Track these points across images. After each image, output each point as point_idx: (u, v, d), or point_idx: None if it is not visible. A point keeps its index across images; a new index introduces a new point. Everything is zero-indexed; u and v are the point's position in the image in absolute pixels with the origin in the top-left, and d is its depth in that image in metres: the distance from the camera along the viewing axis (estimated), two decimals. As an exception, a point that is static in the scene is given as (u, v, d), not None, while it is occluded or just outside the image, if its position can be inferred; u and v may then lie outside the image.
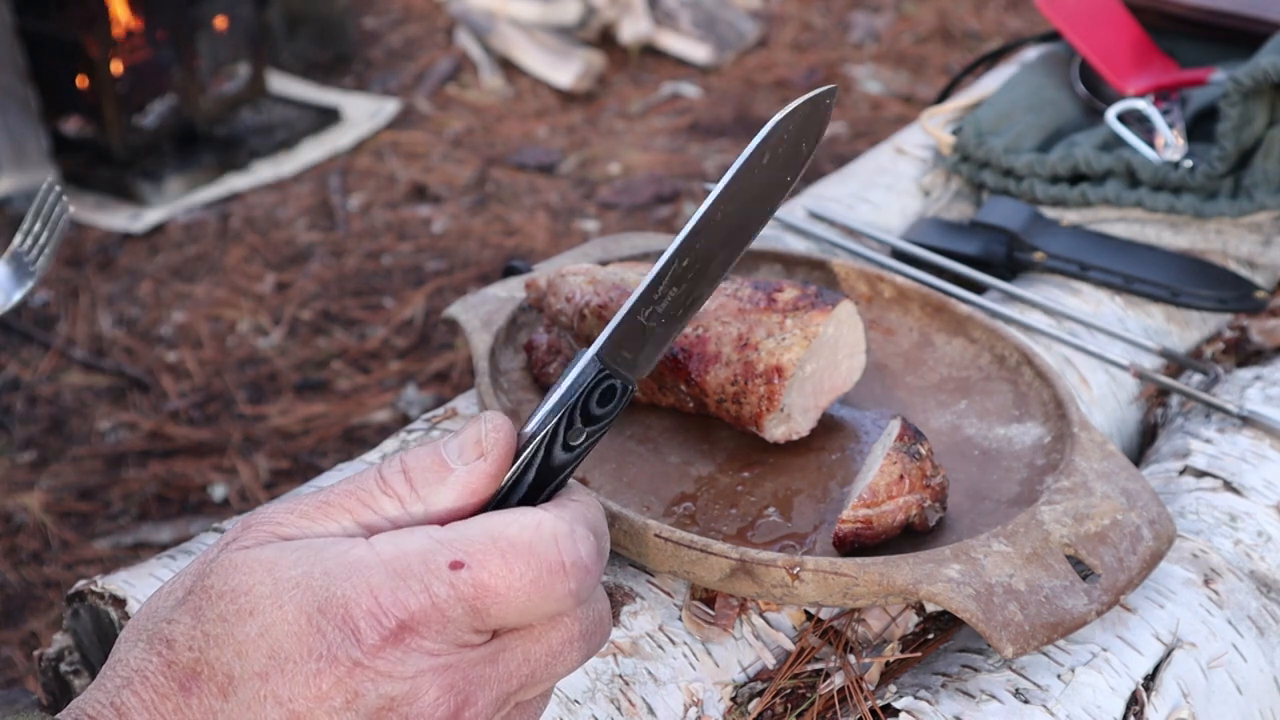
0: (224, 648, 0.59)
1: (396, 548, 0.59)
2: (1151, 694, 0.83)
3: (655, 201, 3.26)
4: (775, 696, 0.83)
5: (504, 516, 0.60)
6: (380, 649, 0.58)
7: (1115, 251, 1.24)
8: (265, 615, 0.59)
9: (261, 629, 0.58)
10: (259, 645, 0.58)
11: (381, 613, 0.58)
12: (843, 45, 4.05)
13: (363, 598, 0.58)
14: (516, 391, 1.01)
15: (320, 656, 0.58)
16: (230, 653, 0.59)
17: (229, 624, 0.59)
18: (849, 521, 0.85)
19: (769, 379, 0.91)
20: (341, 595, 0.58)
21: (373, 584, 0.58)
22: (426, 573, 0.58)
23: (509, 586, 0.59)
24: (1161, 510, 0.89)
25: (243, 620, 0.59)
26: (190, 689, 0.59)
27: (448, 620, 0.58)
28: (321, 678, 0.58)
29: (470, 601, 0.58)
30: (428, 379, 2.64)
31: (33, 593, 2.15)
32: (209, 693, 0.59)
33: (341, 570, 0.59)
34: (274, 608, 0.59)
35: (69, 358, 2.72)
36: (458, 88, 3.83)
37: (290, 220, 3.22)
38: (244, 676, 0.58)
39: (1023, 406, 1.01)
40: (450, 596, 0.58)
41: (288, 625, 0.58)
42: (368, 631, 0.58)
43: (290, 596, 0.59)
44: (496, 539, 0.59)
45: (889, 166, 1.43)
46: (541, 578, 0.59)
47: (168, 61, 3.32)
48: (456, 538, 0.59)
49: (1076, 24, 1.46)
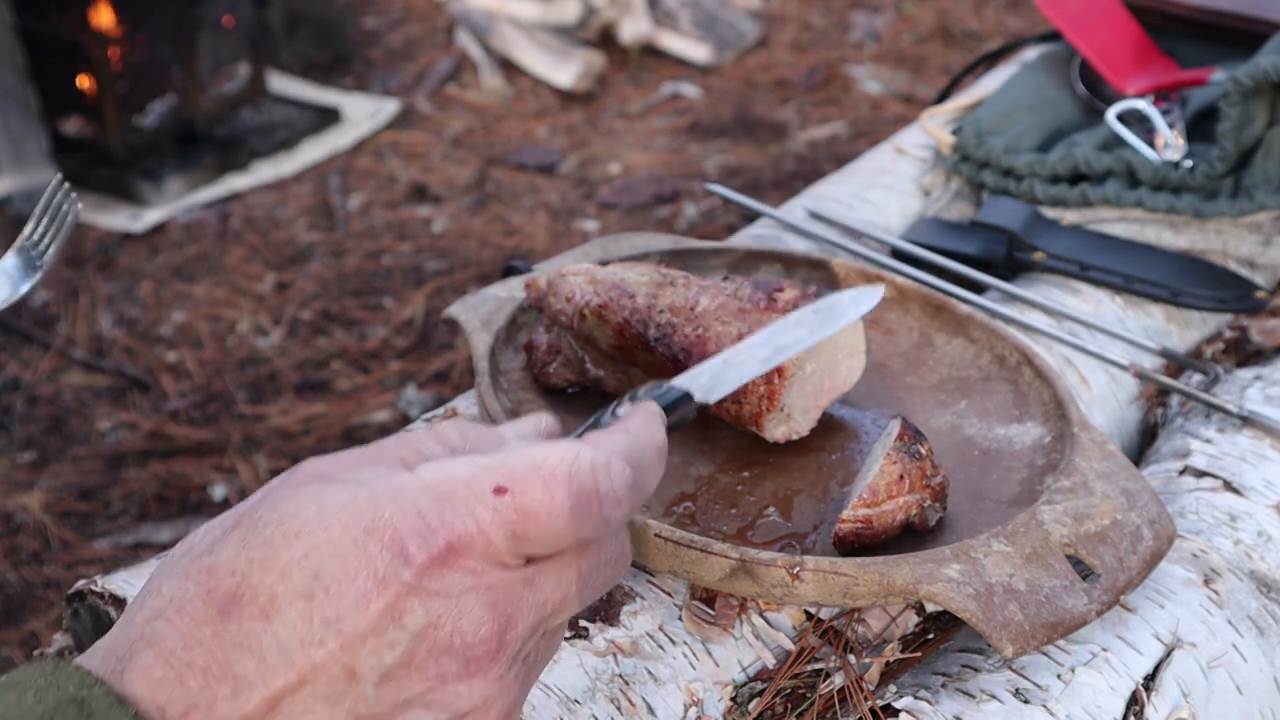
0: (268, 570, 0.59)
1: (441, 474, 0.61)
2: (1151, 694, 0.83)
3: (655, 201, 3.26)
4: (775, 696, 0.83)
5: (545, 447, 0.63)
6: (428, 569, 0.59)
7: (1115, 251, 1.24)
8: (311, 537, 0.59)
9: (307, 550, 0.59)
10: (304, 566, 0.59)
11: (429, 533, 0.59)
12: (843, 45, 4.05)
13: (410, 519, 0.59)
14: (516, 391, 1.01)
15: (368, 576, 0.58)
16: (274, 575, 0.59)
17: (274, 547, 0.60)
18: (849, 521, 0.85)
19: (769, 379, 0.91)
20: (389, 517, 0.59)
21: (420, 506, 0.59)
22: (471, 496, 0.60)
23: (549, 512, 0.61)
24: (1161, 510, 0.89)
25: (288, 543, 0.59)
26: (230, 613, 0.59)
27: (491, 543, 0.60)
28: (369, 597, 0.58)
29: (512, 525, 0.60)
30: (428, 379, 2.64)
31: (33, 593, 2.15)
32: (250, 615, 0.59)
33: (387, 495, 0.60)
34: (320, 529, 0.59)
35: (69, 358, 2.72)
36: (458, 88, 3.83)
37: (290, 220, 3.22)
38: (288, 598, 0.59)
39: (1023, 406, 1.01)
40: (493, 520, 0.60)
41: (334, 546, 0.59)
42: (416, 552, 0.59)
43: (337, 519, 0.59)
44: (538, 467, 0.61)
45: (889, 166, 1.43)
46: (578, 505, 0.61)
47: (168, 61, 3.32)
48: (499, 464, 0.61)
49: (1076, 24, 1.46)
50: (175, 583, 0.60)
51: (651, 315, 0.95)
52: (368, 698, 0.59)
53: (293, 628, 0.58)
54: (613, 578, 0.66)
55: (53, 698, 0.56)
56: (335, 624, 0.58)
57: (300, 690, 0.58)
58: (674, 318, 0.95)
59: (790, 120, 3.65)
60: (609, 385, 1.00)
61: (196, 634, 0.59)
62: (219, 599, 0.59)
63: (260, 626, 0.58)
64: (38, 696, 0.56)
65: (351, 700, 0.59)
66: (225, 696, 0.58)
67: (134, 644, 0.59)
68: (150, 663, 0.58)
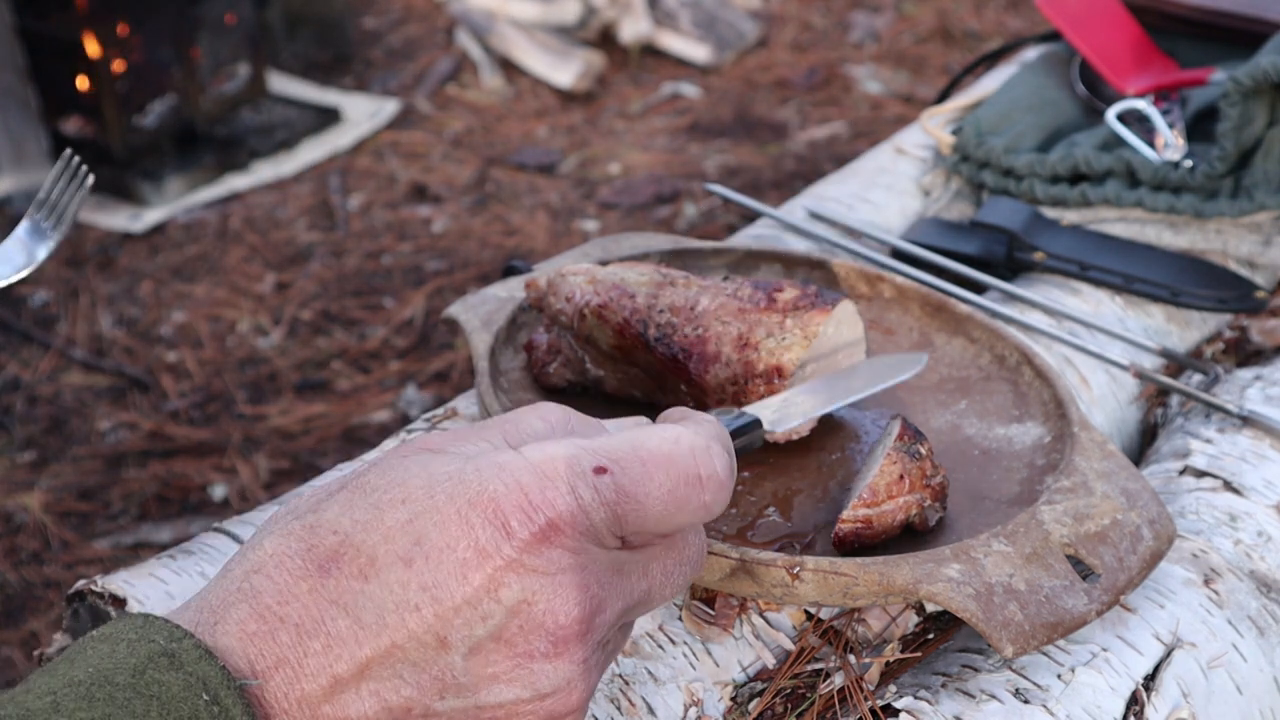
0: (371, 532, 0.60)
1: (544, 453, 0.62)
2: (1151, 694, 0.83)
3: (655, 201, 3.26)
4: (775, 696, 0.83)
5: (645, 430, 0.64)
6: (528, 545, 0.59)
7: (1115, 251, 1.24)
8: (416, 504, 0.60)
9: (411, 515, 0.60)
10: (407, 531, 0.60)
11: (532, 509, 0.60)
12: (843, 45, 4.05)
13: (513, 494, 0.60)
14: (516, 391, 1.01)
15: (468, 547, 0.59)
16: (377, 536, 0.60)
17: (380, 510, 0.60)
18: (849, 521, 0.85)
19: (769, 379, 0.91)
20: (493, 491, 0.60)
21: (523, 483, 0.60)
22: (573, 475, 0.61)
23: (648, 494, 0.62)
24: (1161, 510, 0.89)
25: (394, 507, 0.60)
26: (329, 570, 0.59)
27: (590, 523, 0.61)
28: (468, 568, 0.59)
29: (612, 506, 0.61)
30: (428, 379, 2.64)
31: (33, 593, 2.15)
32: (348, 574, 0.59)
33: (492, 469, 0.61)
34: (425, 497, 0.60)
35: (69, 358, 2.72)
36: (458, 88, 3.83)
37: (290, 220, 3.22)
38: (388, 561, 0.59)
39: (1023, 406, 1.01)
40: (594, 500, 0.61)
41: (438, 514, 0.60)
42: (518, 527, 0.59)
43: (442, 488, 0.60)
44: (638, 448, 0.62)
45: (889, 166, 1.43)
46: (678, 488, 0.62)
47: (168, 61, 3.32)
48: (601, 445, 0.62)
49: (1076, 24, 1.46)
50: (276, 540, 0.61)
51: (651, 315, 0.95)
52: (454, 668, 0.59)
53: (390, 590, 0.59)
54: (689, 576, 0.67)
55: (144, 650, 0.57)
56: (432, 590, 0.59)
57: (391, 656, 0.59)
58: (674, 318, 0.95)
59: (790, 120, 3.65)
60: (609, 385, 1.00)
61: (293, 589, 0.59)
62: (319, 556, 0.60)
63: (358, 586, 0.59)
64: (129, 649, 0.57)
65: (438, 669, 0.59)
66: (316, 652, 0.58)
67: (229, 597, 0.60)
68: (245, 616, 0.59)
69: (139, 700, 0.55)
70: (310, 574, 0.59)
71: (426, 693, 0.59)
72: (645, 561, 0.64)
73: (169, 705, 0.55)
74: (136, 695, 0.55)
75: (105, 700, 0.55)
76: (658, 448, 0.63)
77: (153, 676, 0.56)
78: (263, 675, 0.58)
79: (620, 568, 0.63)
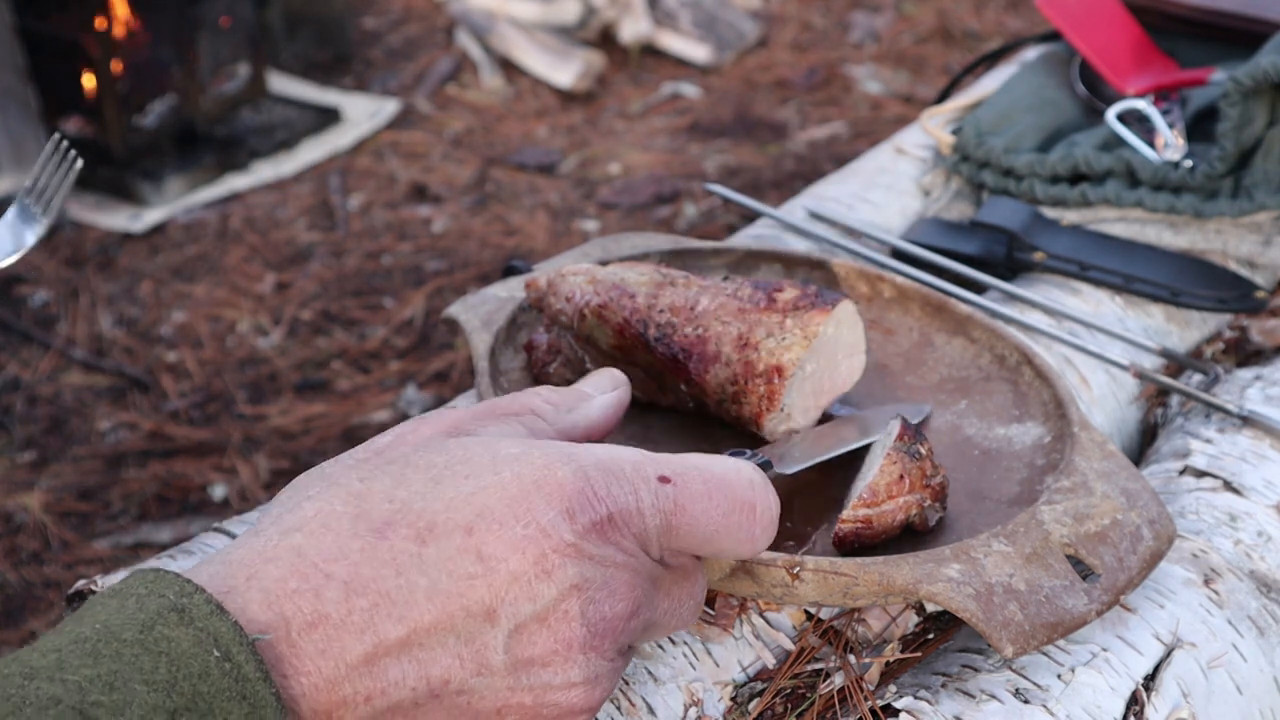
0: (431, 501, 0.60)
1: (611, 453, 0.63)
2: (1151, 694, 0.83)
3: (655, 201, 3.26)
4: (775, 696, 0.83)
5: (710, 456, 0.66)
6: (588, 532, 0.60)
7: (1115, 251, 1.24)
8: (481, 478, 0.60)
9: (475, 489, 0.60)
10: (470, 502, 0.60)
11: (595, 499, 0.61)
12: (843, 45, 4.05)
13: (579, 483, 0.61)
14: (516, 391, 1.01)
15: (530, 524, 0.59)
16: (438, 505, 0.60)
17: (439, 484, 0.60)
18: (849, 521, 0.85)
19: (769, 379, 0.91)
20: (559, 476, 0.61)
21: (589, 474, 0.61)
22: (637, 477, 0.62)
23: (704, 511, 0.64)
24: (1161, 510, 0.89)
25: (456, 481, 0.60)
26: (384, 533, 0.59)
27: (645, 526, 0.62)
28: (529, 543, 0.59)
29: (668, 515, 0.63)
30: (428, 379, 2.64)
31: (33, 593, 2.15)
32: (405, 536, 0.59)
33: (559, 456, 0.62)
34: (490, 473, 0.61)
35: (69, 358, 2.72)
36: (458, 88, 3.83)
37: (290, 220, 3.22)
38: (448, 528, 0.59)
39: (1023, 406, 1.01)
40: (653, 505, 0.62)
41: (503, 490, 0.60)
42: (580, 513, 0.60)
43: (509, 466, 0.61)
44: (701, 469, 0.65)
45: (889, 166, 1.43)
46: (733, 513, 0.65)
47: (168, 61, 3.32)
48: (665, 459, 0.64)
49: (1076, 24, 1.46)
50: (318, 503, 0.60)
51: (651, 315, 0.95)
52: (496, 645, 0.59)
53: (447, 556, 0.59)
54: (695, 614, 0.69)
55: (153, 605, 0.55)
56: (489, 560, 0.59)
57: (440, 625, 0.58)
58: (674, 318, 0.95)
59: (790, 120, 3.65)
60: (609, 385, 1.00)
61: (344, 547, 0.58)
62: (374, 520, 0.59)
63: (415, 549, 0.59)
64: (138, 604, 0.56)
65: (480, 644, 0.59)
66: (362, 609, 0.57)
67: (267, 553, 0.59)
68: (285, 573, 0.58)
69: (147, 656, 0.54)
70: (363, 534, 0.59)
71: (466, 667, 0.59)
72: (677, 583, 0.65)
73: (178, 661, 0.54)
74: (144, 651, 0.54)
75: (112, 657, 0.53)
76: (721, 472, 0.65)
77: (161, 632, 0.54)
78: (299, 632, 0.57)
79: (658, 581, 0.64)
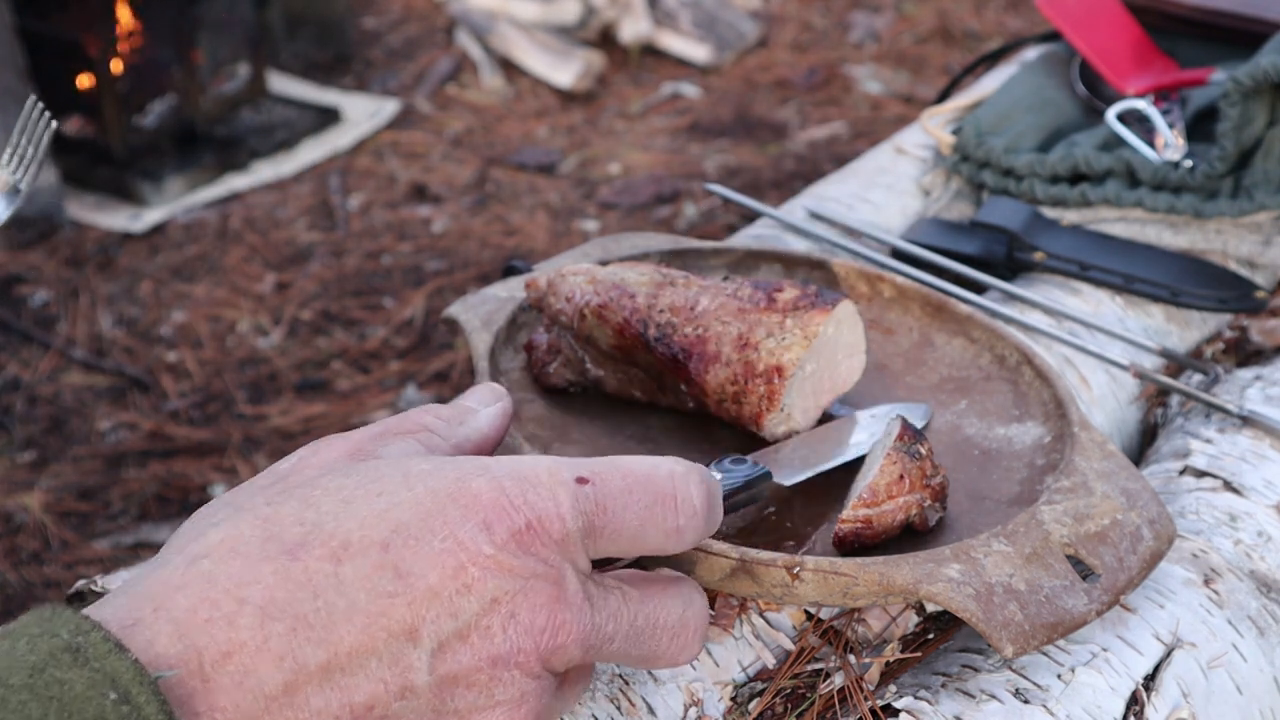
0: (343, 520, 0.58)
1: (524, 462, 0.62)
2: (1151, 694, 0.83)
3: (655, 201, 3.26)
4: (775, 696, 0.83)
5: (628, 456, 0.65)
6: (507, 544, 0.59)
7: (1115, 251, 1.24)
8: (394, 495, 0.59)
9: (389, 505, 0.59)
10: (385, 518, 0.58)
11: (512, 509, 0.59)
12: (843, 45, 4.05)
13: (494, 493, 0.60)
14: (516, 391, 1.01)
15: (448, 538, 0.58)
16: (351, 524, 0.58)
17: (352, 504, 0.59)
18: (849, 521, 0.85)
19: (769, 379, 0.91)
20: (474, 487, 0.60)
21: (504, 484, 0.60)
22: (554, 481, 0.61)
23: (625, 507, 0.62)
24: (1161, 510, 0.89)
25: (369, 499, 0.59)
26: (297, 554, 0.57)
27: (568, 531, 0.61)
28: (447, 557, 0.58)
29: (590, 516, 0.61)
30: (428, 379, 2.64)
31: (33, 593, 2.15)
32: (319, 556, 0.57)
33: (473, 468, 0.61)
34: (404, 489, 0.59)
35: (69, 358, 2.72)
36: (458, 88, 3.83)
37: (290, 220, 3.22)
38: (363, 545, 0.57)
39: (1023, 406, 1.01)
40: (573, 507, 0.61)
41: (418, 505, 0.59)
42: (498, 524, 0.59)
43: (421, 481, 0.60)
44: (620, 466, 0.63)
45: (889, 166, 1.43)
46: (654, 506, 0.63)
47: (168, 61, 3.32)
48: (582, 461, 0.63)
49: (1076, 24, 1.46)
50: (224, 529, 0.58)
51: (651, 315, 0.95)
52: (420, 667, 0.57)
53: (364, 574, 0.57)
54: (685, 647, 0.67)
55: (46, 646, 0.52)
56: (407, 577, 0.57)
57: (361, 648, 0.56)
58: (674, 318, 0.95)
59: (790, 120, 3.65)
60: (609, 385, 1.00)
61: (256, 571, 0.56)
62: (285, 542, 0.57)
63: (330, 569, 0.56)
64: (30, 645, 0.52)
65: (404, 666, 0.57)
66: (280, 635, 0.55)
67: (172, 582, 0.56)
68: (194, 601, 0.55)
69: (35, 703, 0.50)
70: (274, 556, 0.56)
71: (390, 690, 0.57)
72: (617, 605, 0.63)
73: (70, 706, 0.50)
74: (33, 697, 0.50)
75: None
76: (637, 467, 0.64)
77: (52, 675, 0.51)
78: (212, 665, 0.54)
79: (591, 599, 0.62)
